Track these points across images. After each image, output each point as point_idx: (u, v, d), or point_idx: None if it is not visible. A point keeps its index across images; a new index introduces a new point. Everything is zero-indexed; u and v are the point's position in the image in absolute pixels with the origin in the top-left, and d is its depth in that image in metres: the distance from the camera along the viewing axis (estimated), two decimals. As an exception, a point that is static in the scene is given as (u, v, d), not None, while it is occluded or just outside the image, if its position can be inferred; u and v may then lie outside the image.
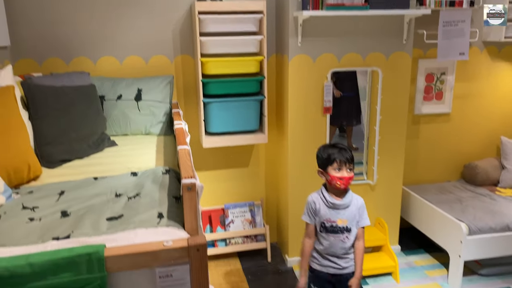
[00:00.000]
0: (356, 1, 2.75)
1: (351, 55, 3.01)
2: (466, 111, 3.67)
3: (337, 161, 2.06)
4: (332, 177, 2.06)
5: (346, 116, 4.02)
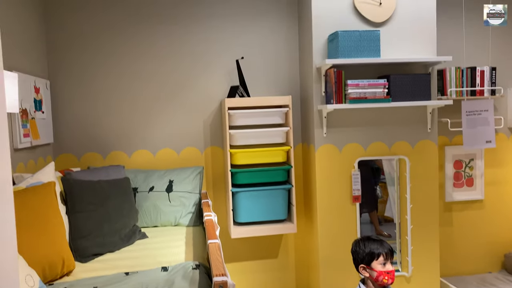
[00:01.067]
0: (378, 94, 2.87)
1: (377, 144, 3.06)
2: (500, 198, 3.57)
3: (382, 255, 2.01)
4: (379, 272, 2.00)
5: (366, 203, 3.96)
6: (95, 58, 3.06)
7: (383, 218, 4.05)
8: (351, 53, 2.82)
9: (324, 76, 2.94)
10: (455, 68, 3.31)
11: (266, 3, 3.24)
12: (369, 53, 2.85)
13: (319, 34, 2.94)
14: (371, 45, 2.85)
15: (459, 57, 3.41)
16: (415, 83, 2.90)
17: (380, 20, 2.96)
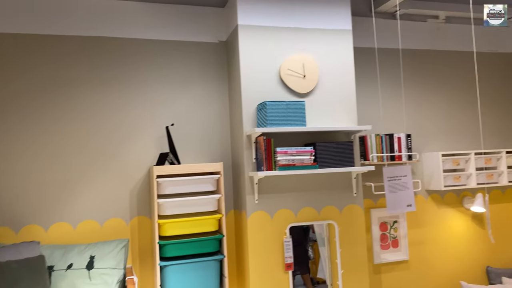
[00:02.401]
0: (306, 161, 2.95)
1: (307, 209, 3.10)
2: (423, 257, 3.74)
3: None
4: None
5: (298, 265, 3.94)
6: (6, 124, 2.86)
7: (316, 280, 4.03)
8: (279, 122, 2.91)
9: (255, 143, 2.99)
10: (375, 135, 3.54)
11: (196, 69, 3.31)
12: (296, 122, 2.97)
13: (248, 103, 3.02)
14: (297, 114, 2.98)
15: (378, 124, 3.67)
16: (340, 150, 3.04)
17: (305, 91, 3.12)
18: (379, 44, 3.80)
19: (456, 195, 3.93)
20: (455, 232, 3.88)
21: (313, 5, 3.19)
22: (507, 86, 4.23)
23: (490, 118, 4.13)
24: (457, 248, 3.87)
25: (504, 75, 4.23)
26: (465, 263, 3.87)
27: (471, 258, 3.90)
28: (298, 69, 3.12)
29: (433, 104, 3.94)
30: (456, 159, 3.77)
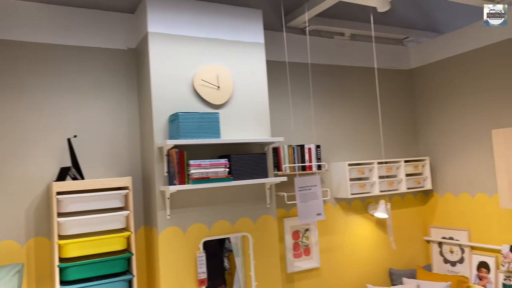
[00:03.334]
0: (220, 174, 2.91)
1: (221, 223, 3.06)
2: (333, 263, 3.89)
3: None
4: None
5: (214, 277, 3.88)
6: None
7: (232, 290, 3.99)
8: (192, 133, 2.84)
9: (166, 156, 2.88)
10: (287, 146, 3.62)
11: (103, 77, 3.11)
12: (210, 134, 2.92)
13: (160, 114, 2.91)
14: (211, 126, 2.93)
15: (290, 136, 3.77)
16: (254, 162, 3.05)
17: (219, 103, 3.09)
18: (291, 58, 3.91)
19: (362, 202, 4.16)
20: (361, 237, 4.10)
21: (226, 16, 3.19)
22: (405, 100, 4.61)
23: (390, 130, 4.46)
24: (363, 253, 4.09)
25: (403, 90, 4.61)
26: (370, 266, 4.11)
27: (376, 261, 4.15)
28: (212, 80, 3.08)
29: (340, 116, 4.15)
30: (361, 168, 3.99)
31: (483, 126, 3.97)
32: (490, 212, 3.92)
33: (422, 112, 4.58)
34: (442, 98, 4.36)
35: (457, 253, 4.19)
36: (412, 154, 4.58)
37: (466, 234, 4.11)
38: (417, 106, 4.63)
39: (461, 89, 4.17)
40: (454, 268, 4.21)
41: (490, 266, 3.88)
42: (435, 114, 4.44)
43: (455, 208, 4.24)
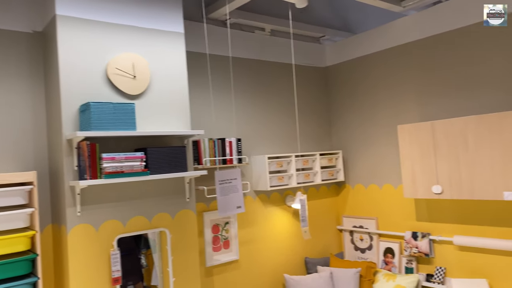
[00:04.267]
0: (136, 167, 2.79)
1: (137, 219, 2.94)
2: (252, 255, 3.94)
3: None
4: None
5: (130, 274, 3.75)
6: None
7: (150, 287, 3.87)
8: (105, 125, 2.68)
9: (76, 148, 2.69)
10: (208, 140, 3.58)
11: (3, 59, 2.81)
12: (125, 126, 2.78)
13: (69, 104, 2.70)
14: (126, 117, 2.79)
15: (211, 129, 3.73)
16: (172, 155, 2.97)
17: (135, 93, 2.95)
18: (212, 50, 3.87)
19: (280, 194, 4.27)
20: (279, 228, 4.21)
21: (144, 3, 3.05)
22: (321, 96, 4.80)
23: (307, 124, 4.62)
24: (281, 243, 4.20)
25: (319, 87, 4.80)
26: (287, 256, 4.24)
27: (292, 251, 4.29)
28: (128, 69, 2.93)
29: (260, 111, 4.21)
30: (280, 161, 4.09)
31: (391, 121, 4.27)
32: (395, 202, 4.24)
33: (336, 108, 4.81)
34: (354, 95, 4.61)
35: (367, 241, 4.48)
36: (326, 148, 4.79)
37: (374, 223, 4.40)
38: (332, 102, 4.85)
39: (371, 87, 4.44)
40: (364, 254, 4.50)
41: (395, 251, 4.20)
42: (348, 110, 4.69)
43: (365, 199, 4.53)
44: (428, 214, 3.98)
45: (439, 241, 3.88)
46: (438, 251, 3.90)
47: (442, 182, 3.51)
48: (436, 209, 3.92)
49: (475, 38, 3.60)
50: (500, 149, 3.16)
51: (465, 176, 3.36)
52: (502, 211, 3.47)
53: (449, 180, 3.46)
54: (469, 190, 3.34)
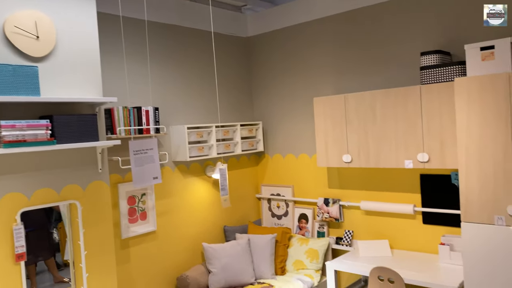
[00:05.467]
0: (41, 136, 2.59)
1: (43, 191, 2.75)
2: (170, 226, 3.92)
3: None
4: None
5: (41, 250, 3.56)
6: None
7: (63, 262, 3.70)
8: (3, 89, 2.44)
9: (-31, 115, 2.42)
10: (122, 108, 3.42)
11: None
12: (27, 91, 2.55)
13: (-42, 64, 2.40)
14: (28, 81, 2.56)
15: (125, 97, 3.56)
16: (82, 124, 2.79)
17: (38, 55, 2.70)
18: (126, 12, 3.65)
19: (200, 165, 4.26)
20: (199, 199, 4.22)
21: (47, -45, 2.75)
22: (242, 67, 4.79)
23: (228, 94, 4.61)
24: (200, 213, 4.23)
25: (240, 57, 4.78)
26: (206, 225, 4.28)
27: (211, 220, 4.34)
28: (30, 28, 2.66)
29: (179, 79, 4.10)
30: (200, 131, 4.05)
31: (308, 94, 4.40)
32: (310, 171, 4.44)
33: (258, 79, 4.84)
34: (275, 66, 4.67)
35: (283, 208, 4.67)
36: (247, 119, 4.83)
37: (290, 191, 4.59)
38: (253, 73, 4.88)
39: (291, 59, 4.52)
40: (280, 221, 4.69)
41: (309, 217, 4.44)
42: (268, 81, 4.74)
43: (282, 168, 4.68)
44: (339, 181, 4.23)
45: (348, 207, 4.17)
46: (347, 216, 4.18)
47: (351, 151, 3.74)
48: (346, 177, 4.18)
49: (389, 14, 3.79)
50: (403, 121, 3.42)
51: (372, 146, 3.60)
52: (403, 178, 3.80)
53: (358, 150, 3.69)
54: (375, 159, 3.60)
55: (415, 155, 3.37)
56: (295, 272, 4.08)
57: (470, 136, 2.79)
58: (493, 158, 2.71)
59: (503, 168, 2.68)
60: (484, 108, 2.73)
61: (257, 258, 4.03)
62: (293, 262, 4.13)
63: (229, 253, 3.92)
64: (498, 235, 2.71)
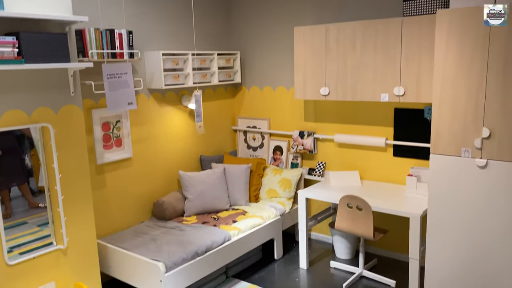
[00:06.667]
0: (7, 54, 2.45)
1: (13, 113, 2.66)
2: (146, 153, 3.92)
3: None
4: None
5: (13, 175, 3.53)
6: None
7: (38, 189, 3.70)
8: (-38, 1, 2.25)
9: None
10: (94, 29, 3.26)
11: None
12: (-12, 4, 2.37)
13: None
14: (-11, -7, 2.37)
15: (96, 18, 3.38)
16: (52, 43, 2.65)
17: (-1, -35, 2.48)
18: None
19: (176, 94, 4.19)
20: (174, 128, 4.20)
21: None
22: (220, -8, 4.57)
23: (205, 21, 4.43)
24: (176, 142, 4.23)
25: (218, -19, 4.54)
26: (182, 154, 4.30)
27: (188, 150, 4.36)
28: None
29: (154, 2, 3.89)
30: (175, 58, 3.93)
31: (288, 24, 4.28)
32: (287, 103, 4.45)
33: (236, 7, 4.65)
34: (255, -7, 4.48)
35: (259, 140, 4.72)
36: (225, 48, 4.70)
37: (266, 123, 4.61)
38: (232, 0, 4.67)
39: (272, -14, 4.33)
40: (255, 152, 4.76)
41: (283, 149, 4.51)
42: (248, 10, 4.57)
43: (259, 100, 4.66)
44: (315, 115, 4.27)
45: (322, 139, 4.25)
46: (320, 148, 4.28)
47: (329, 84, 3.73)
48: (321, 111, 4.22)
49: None
50: (382, 53, 3.41)
51: (350, 79, 3.61)
52: (377, 112, 3.87)
53: (336, 83, 3.69)
54: (352, 92, 3.62)
55: (391, 89, 3.40)
56: (268, 200, 4.22)
57: (447, 69, 2.81)
58: (467, 93, 2.76)
59: (475, 103, 2.74)
60: (463, 41, 2.73)
61: (232, 186, 4.12)
62: (266, 191, 4.26)
63: (205, 180, 3.99)
64: (463, 167, 2.84)
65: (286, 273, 3.77)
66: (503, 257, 2.77)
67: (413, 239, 3.16)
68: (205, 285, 3.44)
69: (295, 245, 4.30)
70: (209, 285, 3.47)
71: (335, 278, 3.66)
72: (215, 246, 3.35)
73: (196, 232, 3.49)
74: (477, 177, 2.79)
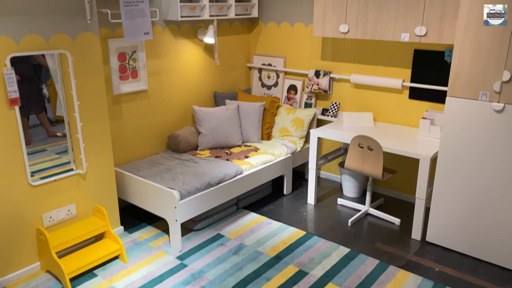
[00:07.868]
0: (24, -24, 2.42)
1: (32, 37, 2.67)
2: (161, 86, 3.94)
3: None
4: None
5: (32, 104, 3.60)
6: None
7: (55, 119, 3.79)
8: None
9: None
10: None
11: None
12: None
13: None
14: None
15: None
16: (68, -33, 2.60)
17: None
18: None
19: (192, 27, 4.12)
20: (189, 62, 4.18)
21: None
22: None
23: (224, -50, 4.25)
24: (191, 77, 4.23)
25: None
26: (197, 89, 4.32)
27: (202, 85, 4.37)
28: None
29: None
30: (192, -10, 3.82)
31: (310, -44, 4.09)
32: (304, 41, 4.36)
33: None
34: None
35: (273, 78, 4.69)
36: (243, -19, 4.55)
37: (282, 61, 4.56)
38: None
39: None
40: (269, 91, 4.75)
41: (298, 88, 4.49)
42: None
43: (276, 37, 4.57)
44: (332, 53, 4.19)
45: (338, 79, 4.21)
46: (335, 88, 4.25)
47: (349, 21, 3.63)
48: (339, 50, 4.14)
49: None
50: (406, -9, 3.28)
51: (371, 17, 3.50)
52: (396, 53, 3.78)
53: (356, 20, 3.59)
54: (372, 31, 3.53)
55: (413, 29, 3.31)
56: (280, 138, 4.28)
57: (473, 9, 2.71)
58: (491, 35, 2.68)
59: (498, 46, 2.67)
60: (493, -21, 2.61)
61: (245, 123, 4.17)
62: (279, 129, 4.30)
63: (218, 116, 4.03)
64: (479, 110, 2.83)
65: (294, 208, 3.91)
66: (509, 204, 2.83)
67: (421, 180, 3.22)
68: (216, 214, 3.60)
69: (304, 182, 4.42)
70: (220, 214, 3.63)
71: (341, 214, 3.80)
72: (228, 179, 3.46)
73: (209, 165, 3.59)
74: (493, 122, 2.79)
